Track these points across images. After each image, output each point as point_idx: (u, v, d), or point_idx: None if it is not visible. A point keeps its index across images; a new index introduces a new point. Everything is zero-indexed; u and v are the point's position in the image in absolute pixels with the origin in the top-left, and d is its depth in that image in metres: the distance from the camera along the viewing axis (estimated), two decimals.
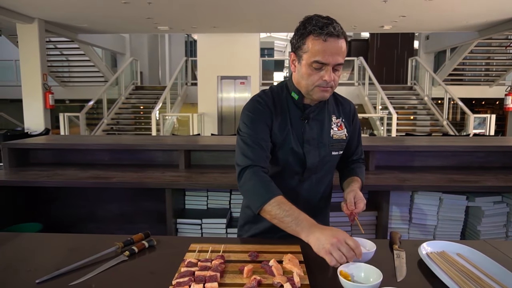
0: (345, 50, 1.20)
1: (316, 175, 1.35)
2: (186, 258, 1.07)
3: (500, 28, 7.87)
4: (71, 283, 0.99)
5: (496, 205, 2.21)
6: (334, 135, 1.34)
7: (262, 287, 0.93)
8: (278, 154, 1.30)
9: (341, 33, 1.17)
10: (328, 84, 1.20)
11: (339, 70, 1.21)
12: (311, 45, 1.17)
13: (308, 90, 1.24)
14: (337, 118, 1.37)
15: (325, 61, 1.16)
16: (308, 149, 1.30)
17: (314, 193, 1.38)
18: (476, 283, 0.97)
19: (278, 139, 1.28)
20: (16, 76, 11.11)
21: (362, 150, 1.51)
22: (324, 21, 1.17)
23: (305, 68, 1.20)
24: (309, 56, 1.17)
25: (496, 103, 12.95)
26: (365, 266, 0.98)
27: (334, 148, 1.34)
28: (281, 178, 1.33)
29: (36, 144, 2.69)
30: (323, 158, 1.33)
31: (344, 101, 1.42)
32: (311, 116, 1.31)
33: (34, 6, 6.70)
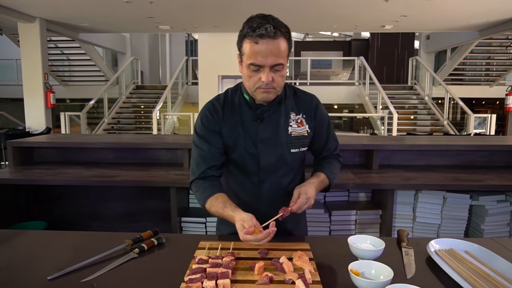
0: (285, 49, 1.18)
1: (276, 174, 1.34)
2: (197, 255, 1.07)
3: (501, 28, 7.87)
4: (82, 280, 0.99)
5: (499, 204, 2.22)
6: (293, 132, 1.32)
7: (274, 283, 0.94)
8: (233, 156, 1.32)
9: (275, 33, 1.14)
10: (268, 85, 1.20)
11: (280, 70, 1.20)
12: (246, 48, 1.17)
13: (251, 92, 1.25)
14: (297, 114, 1.34)
15: (258, 63, 1.16)
16: (262, 149, 1.30)
17: (277, 192, 1.35)
18: (485, 280, 0.98)
19: (229, 142, 1.30)
20: (17, 75, 11.10)
21: (336, 146, 1.46)
22: (259, 21, 1.15)
23: (246, 70, 1.21)
24: (246, 58, 1.18)
25: (496, 103, 12.96)
26: (376, 264, 0.99)
27: (294, 145, 1.32)
28: (242, 179, 1.35)
29: (40, 142, 2.70)
30: (280, 157, 1.31)
31: (306, 97, 1.39)
32: (265, 116, 1.30)
33: (35, 5, 6.70)
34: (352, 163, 2.65)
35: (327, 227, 2.32)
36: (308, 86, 11.36)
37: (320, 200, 2.45)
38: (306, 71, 11.68)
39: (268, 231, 1.06)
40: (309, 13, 7.25)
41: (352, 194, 2.49)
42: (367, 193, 2.49)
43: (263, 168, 1.32)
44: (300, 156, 1.38)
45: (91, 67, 11.21)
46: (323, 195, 2.45)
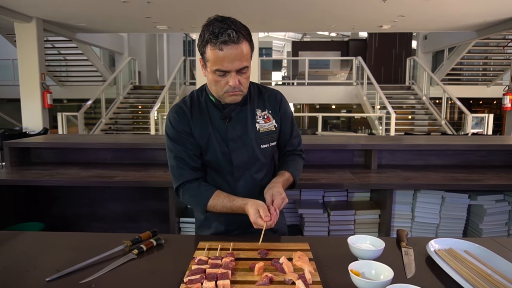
0: (248, 51, 1.19)
1: (249, 171, 1.36)
2: (196, 256, 1.07)
3: (498, 28, 7.91)
4: (81, 281, 0.99)
5: (498, 203, 2.22)
6: (261, 128, 1.34)
7: (274, 284, 0.93)
8: (207, 156, 1.33)
9: (238, 38, 1.14)
10: (235, 89, 1.21)
11: (246, 72, 1.21)
12: (210, 55, 1.16)
13: (219, 96, 1.27)
14: (263, 111, 1.37)
15: (225, 69, 1.17)
16: (234, 147, 1.31)
17: (253, 188, 1.37)
18: (485, 279, 0.98)
19: (202, 143, 1.31)
20: (14, 76, 11.06)
21: (299, 141, 1.50)
22: (220, 26, 1.14)
23: (211, 75, 1.21)
24: (211, 64, 1.18)
25: (493, 103, 13.02)
26: (376, 264, 0.98)
27: (263, 141, 1.35)
28: (217, 178, 1.37)
29: (37, 143, 2.68)
30: (252, 154, 1.34)
31: (269, 92, 1.41)
32: (233, 115, 1.31)
33: (32, 5, 6.67)
34: (350, 163, 2.65)
35: (326, 227, 2.31)
36: (306, 86, 11.38)
37: (319, 200, 2.45)
38: (304, 71, 11.70)
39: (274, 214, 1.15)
40: (307, 13, 7.26)
41: (351, 194, 2.49)
42: (366, 193, 2.49)
43: (237, 166, 1.34)
44: (271, 151, 1.41)
45: (89, 67, 11.18)
46: (322, 195, 2.45)
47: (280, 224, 1.49)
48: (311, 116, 13.51)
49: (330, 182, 2.16)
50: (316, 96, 11.09)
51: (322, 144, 2.63)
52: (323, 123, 11.86)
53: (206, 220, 1.44)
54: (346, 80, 12.40)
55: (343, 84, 11.76)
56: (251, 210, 1.17)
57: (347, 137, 3.41)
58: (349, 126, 13.93)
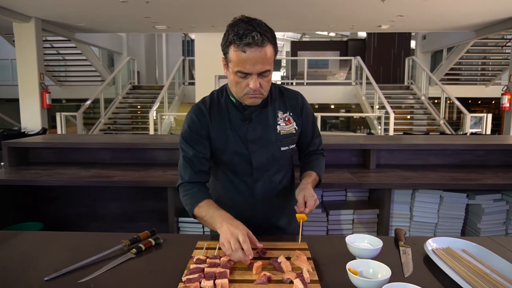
0: (272, 55, 1.18)
1: (268, 173, 1.35)
2: (194, 255, 1.07)
3: (497, 28, 7.92)
4: (80, 281, 0.99)
5: (496, 202, 2.22)
6: (282, 130, 1.33)
7: (272, 283, 0.94)
8: (223, 157, 1.32)
9: (262, 41, 1.13)
10: (256, 92, 1.20)
11: (267, 76, 1.20)
12: (233, 56, 1.15)
13: (238, 97, 1.26)
14: (284, 113, 1.35)
15: (246, 71, 1.16)
16: (253, 149, 1.30)
17: (270, 190, 1.37)
18: (482, 278, 0.98)
19: (219, 144, 1.31)
20: (12, 76, 11.04)
21: (320, 141, 1.50)
22: (245, 28, 1.12)
23: (232, 75, 1.20)
24: (233, 65, 1.17)
25: (492, 103, 13.04)
26: (374, 263, 0.99)
27: (283, 143, 1.34)
28: (234, 180, 1.36)
29: (36, 143, 2.68)
30: (271, 156, 1.33)
31: (291, 94, 1.40)
32: (253, 116, 1.31)
33: (31, 5, 6.66)
34: (349, 163, 2.65)
35: (324, 226, 2.32)
36: (305, 86, 11.38)
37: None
38: (303, 71, 11.70)
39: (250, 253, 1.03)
40: (306, 13, 7.26)
41: (349, 194, 2.50)
42: (364, 193, 2.50)
43: (256, 168, 1.33)
44: (290, 153, 1.40)
45: (87, 67, 11.17)
46: (320, 194, 2.46)
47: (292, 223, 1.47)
48: None
49: (329, 182, 2.16)
50: (315, 96, 11.09)
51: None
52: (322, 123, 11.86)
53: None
54: (345, 80, 12.41)
55: (342, 84, 11.77)
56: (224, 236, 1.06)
57: (345, 137, 3.42)
58: (348, 126, 13.94)
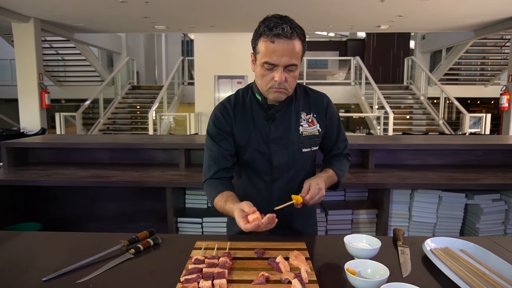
0: (300, 50, 1.20)
1: (288, 174, 1.35)
2: (193, 256, 1.07)
3: (496, 28, 7.93)
4: (78, 281, 0.99)
5: (494, 202, 2.23)
6: (304, 132, 1.33)
7: (270, 283, 0.94)
8: (245, 155, 1.33)
9: (291, 34, 1.15)
10: (280, 85, 1.20)
11: (293, 71, 1.21)
12: (262, 46, 1.18)
13: (263, 91, 1.26)
14: (308, 114, 1.35)
15: (273, 62, 1.17)
16: (275, 149, 1.30)
17: (288, 191, 1.34)
18: (480, 278, 0.99)
19: (242, 142, 1.31)
20: (11, 76, 11.03)
21: (345, 145, 1.47)
22: (276, 21, 1.16)
23: (259, 68, 1.21)
24: (260, 57, 1.19)
25: (491, 103, 13.06)
26: (372, 263, 0.99)
27: (305, 145, 1.33)
28: (253, 178, 1.37)
29: (35, 143, 2.68)
30: (292, 156, 1.32)
31: (316, 96, 1.39)
32: (277, 116, 1.31)
33: (30, 5, 6.65)
34: None
35: (323, 226, 2.32)
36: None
37: None
38: (302, 71, 11.70)
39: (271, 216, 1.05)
40: (305, 13, 7.26)
41: (348, 194, 2.50)
42: (364, 193, 2.50)
43: (276, 168, 1.33)
44: (312, 155, 1.39)
45: (87, 67, 11.17)
46: None
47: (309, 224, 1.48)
48: None
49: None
50: None
51: None
52: None
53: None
54: (344, 80, 12.41)
55: (341, 84, 11.77)
56: (236, 213, 1.10)
57: None
58: (348, 126, 13.93)
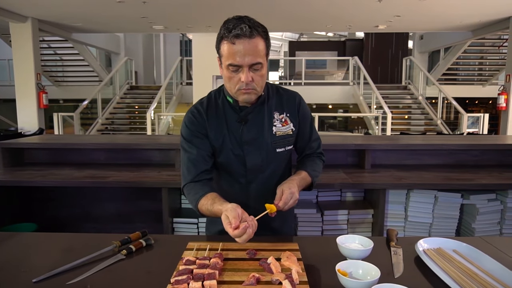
0: (263, 48, 1.19)
1: (263, 175, 1.35)
2: (184, 256, 1.06)
3: (493, 28, 7.94)
4: (68, 282, 0.98)
5: (490, 202, 2.23)
6: (278, 132, 1.33)
7: (261, 284, 0.93)
8: (220, 158, 1.33)
9: (251, 33, 1.14)
10: (248, 86, 1.20)
11: (260, 70, 1.20)
12: (224, 49, 1.18)
13: (232, 93, 1.26)
14: (281, 114, 1.35)
15: (237, 63, 1.16)
16: (248, 151, 1.30)
17: (264, 192, 1.35)
18: (472, 279, 0.98)
19: (216, 144, 1.31)
20: (10, 76, 11.01)
21: (318, 144, 1.47)
22: (235, 22, 1.16)
23: (225, 71, 1.21)
24: (224, 59, 1.19)
25: (489, 103, 13.08)
26: (363, 264, 0.99)
27: (279, 145, 1.33)
28: (229, 181, 1.36)
29: (30, 143, 2.67)
30: (266, 157, 1.32)
31: (288, 95, 1.39)
32: (249, 117, 1.30)
33: (27, 5, 6.64)
34: (344, 163, 2.65)
35: (319, 227, 2.32)
36: (303, 86, 11.39)
37: (312, 200, 2.45)
38: (301, 71, 11.71)
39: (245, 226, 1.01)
40: (303, 13, 7.26)
41: (344, 194, 2.50)
42: (360, 193, 2.50)
43: (250, 169, 1.32)
44: (286, 155, 1.39)
45: (85, 67, 11.16)
46: (315, 194, 2.45)
47: (286, 224, 1.48)
48: None
49: (323, 182, 2.16)
50: (312, 96, 11.09)
51: None
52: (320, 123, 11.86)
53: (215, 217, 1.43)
54: (342, 80, 12.42)
55: (340, 84, 11.78)
56: (222, 216, 1.07)
57: (341, 137, 3.41)
58: (346, 126, 13.95)
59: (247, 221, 1.03)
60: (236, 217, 1.03)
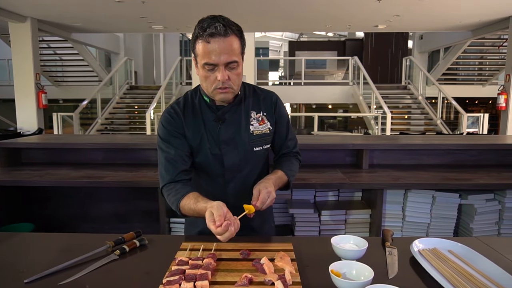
0: (238, 46, 1.19)
1: (241, 174, 1.34)
2: (177, 257, 1.06)
3: (493, 28, 7.93)
4: (60, 283, 0.98)
5: (488, 202, 2.22)
6: (255, 130, 1.33)
7: (253, 285, 0.93)
8: (198, 158, 1.32)
9: (226, 31, 1.14)
10: (224, 84, 1.20)
11: (236, 68, 1.20)
12: (199, 48, 1.17)
13: (209, 93, 1.26)
14: (258, 113, 1.35)
15: (212, 62, 1.16)
16: (226, 150, 1.30)
17: (243, 191, 1.34)
18: (467, 279, 0.98)
19: (194, 144, 1.30)
20: (9, 76, 11.00)
21: (295, 143, 1.47)
22: (209, 21, 1.16)
23: (201, 71, 1.21)
24: (200, 59, 1.19)
25: (489, 102, 13.06)
26: (357, 264, 0.98)
27: (256, 144, 1.33)
28: (207, 181, 1.36)
29: (28, 143, 2.66)
30: (244, 156, 1.32)
31: (265, 94, 1.40)
32: (226, 117, 1.30)
33: (26, 5, 6.64)
34: (342, 163, 2.64)
35: (316, 227, 2.31)
36: (303, 86, 11.38)
37: (310, 200, 2.45)
38: (301, 71, 11.70)
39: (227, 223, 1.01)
40: (302, 13, 7.25)
41: (342, 194, 2.49)
42: (357, 193, 2.49)
43: (228, 169, 1.32)
44: (264, 154, 1.39)
45: (84, 67, 11.15)
46: (313, 194, 2.45)
47: (266, 224, 1.48)
48: (307, 116, 13.53)
49: (320, 182, 2.15)
50: (312, 96, 11.09)
51: (313, 144, 2.62)
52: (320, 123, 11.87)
53: (196, 218, 1.42)
54: (342, 80, 12.41)
55: (340, 84, 11.77)
56: (206, 213, 1.06)
57: (340, 137, 3.41)
58: (346, 126, 13.94)
59: (229, 220, 1.03)
60: (222, 215, 1.03)
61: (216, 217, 1.02)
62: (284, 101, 14.98)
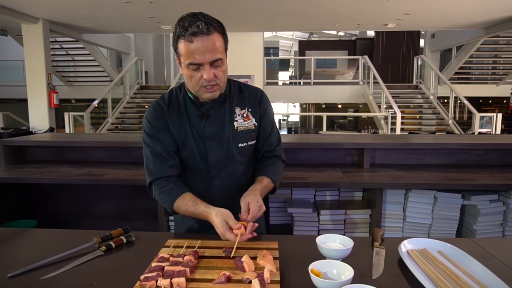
0: (221, 43, 1.18)
1: (226, 170, 1.33)
2: (160, 254, 1.06)
3: (507, 25, 7.74)
4: (42, 277, 0.99)
5: (492, 203, 2.16)
6: (240, 127, 1.32)
7: (231, 283, 0.92)
8: (183, 154, 1.31)
9: (208, 29, 1.13)
10: (211, 83, 1.19)
11: (221, 65, 1.19)
12: (182, 48, 1.16)
13: (195, 91, 1.25)
14: (242, 109, 1.34)
15: (197, 61, 1.15)
16: (210, 146, 1.30)
17: (228, 187, 1.34)
18: (452, 280, 0.95)
19: (179, 140, 1.30)
20: (23, 76, 11.23)
21: (278, 141, 1.45)
22: (190, 20, 1.14)
23: (186, 70, 1.20)
24: (184, 59, 1.17)
25: (503, 102, 12.77)
26: (338, 263, 0.96)
27: (241, 140, 1.32)
28: (193, 176, 1.35)
29: (30, 141, 2.71)
30: (228, 152, 1.31)
31: (250, 90, 1.39)
32: (211, 113, 1.29)
33: (38, 7, 6.77)
34: (343, 162, 2.61)
35: (315, 226, 2.29)
36: (312, 86, 11.32)
37: (309, 199, 2.42)
38: (310, 71, 11.64)
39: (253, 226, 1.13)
40: (310, 12, 7.21)
41: (343, 194, 2.46)
42: (358, 193, 2.46)
43: (212, 165, 1.31)
44: (249, 150, 1.37)
45: (96, 67, 11.30)
46: (313, 194, 2.43)
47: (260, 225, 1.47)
48: (317, 115, 13.45)
49: (318, 181, 2.13)
50: (322, 95, 11.02)
51: (314, 143, 2.60)
52: (330, 123, 11.77)
53: (183, 216, 1.43)
54: (352, 79, 12.30)
55: (349, 83, 11.67)
56: (217, 221, 1.10)
57: (342, 136, 3.37)
58: (356, 125, 13.81)
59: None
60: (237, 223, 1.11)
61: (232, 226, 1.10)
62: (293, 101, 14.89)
